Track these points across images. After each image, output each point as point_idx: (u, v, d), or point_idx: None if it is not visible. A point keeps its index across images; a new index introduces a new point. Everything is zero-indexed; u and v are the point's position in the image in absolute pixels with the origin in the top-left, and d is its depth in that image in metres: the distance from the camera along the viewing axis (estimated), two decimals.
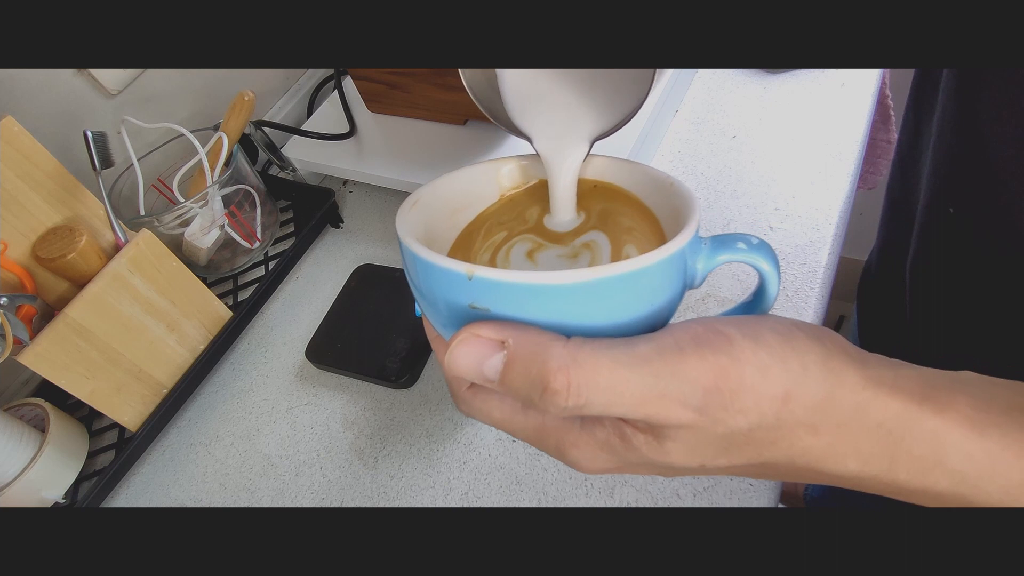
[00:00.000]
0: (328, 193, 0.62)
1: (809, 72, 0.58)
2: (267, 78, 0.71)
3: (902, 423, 0.19)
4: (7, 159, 0.42)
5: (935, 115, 0.35)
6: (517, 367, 0.19)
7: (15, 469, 0.45)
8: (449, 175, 0.27)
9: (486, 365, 0.19)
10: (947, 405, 0.19)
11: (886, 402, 0.19)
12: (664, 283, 0.21)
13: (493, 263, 0.26)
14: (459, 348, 0.19)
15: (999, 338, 0.34)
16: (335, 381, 0.52)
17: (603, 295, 0.19)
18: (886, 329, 0.51)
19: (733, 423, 0.19)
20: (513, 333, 0.19)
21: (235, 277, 0.61)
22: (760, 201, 0.51)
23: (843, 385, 0.19)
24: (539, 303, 0.19)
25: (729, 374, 0.19)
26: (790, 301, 0.45)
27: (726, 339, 0.19)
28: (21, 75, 0.51)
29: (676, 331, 0.20)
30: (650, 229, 0.26)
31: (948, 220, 0.34)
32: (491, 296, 0.19)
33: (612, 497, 0.39)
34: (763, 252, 0.22)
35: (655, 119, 0.53)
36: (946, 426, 0.19)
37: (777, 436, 0.19)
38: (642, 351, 0.19)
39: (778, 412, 0.19)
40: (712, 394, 0.19)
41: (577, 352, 0.19)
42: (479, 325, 0.20)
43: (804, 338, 0.20)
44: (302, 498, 0.46)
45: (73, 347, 0.44)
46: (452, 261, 0.20)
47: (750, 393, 0.19)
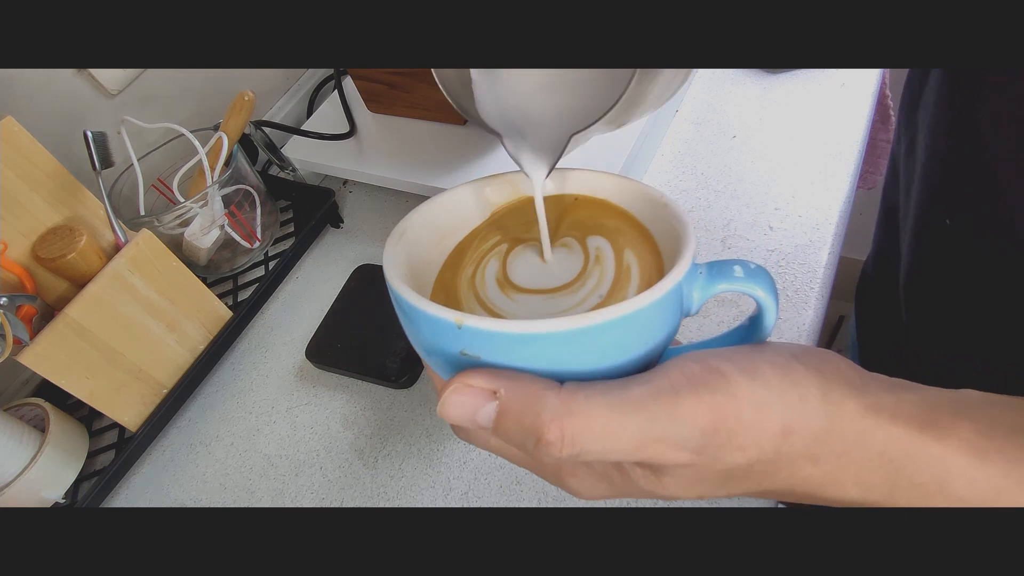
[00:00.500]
0: (328, 193, 0.62)
1: (809, 72, 0.58)
2: (267, 78, 0.71)
3: (903, 451, 0.19)
4: (7, 159, 0.42)
5: (926, 124, 0.34)
6: (510, 418, 0.19)
7: (15, 469, 0.45)
8: (434, 199, 0.27)
9: (479, 414, 0.19)
10: (949, 431, 0.19)
11: (887, 430, 0.19)
12: (660, 321, 0.20)
13: (479, 287, 0.25)
14: (451, 397, 0.19)
15: (994, 340, 0.34)
16: (335, 381, 0.52)
17: (597, 340, 0.19)
18: (884, 331, 0.51)
19: (732, 460, 0.19)
20: (505, 383, 0.19)
21: (235, 277, 0.61)
22: (760, 201, 0.51)
23: (843, 415, 0.19)
24: (530, 350, 0.19)
25: (727, 414, 0.18)
26: (790, 301, 0.45)
27: (722, 377, 0.19)
28: (21, 75, 0.51)
29: (671, 371, 0.19)
30: (645, 241, 0.25)
31: (942, 228, 0.34)
32: (481, 344, 0.19)
33: None
34: (760, 279, 0.21)
35: (655, 119, 0.53)
36: (949, 453, 0.19)
37: (777, 468, 0.19)
38: (637, 395, 0.18)
39: (778, 446, 0.19)
40: (710, 435, 0.18)
41: (571, 401, 0.18)
42: (471, 374, 0.19)
43: (802, 370, 0.19)
44: (302, 498, 0.46)
45: (73, 347, 0.44)
46: (441, 309, 0.19)
47: (749, 431, 0.19)
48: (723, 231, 0.50)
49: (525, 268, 0.26)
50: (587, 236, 0.26)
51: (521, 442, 0.19)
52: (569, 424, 0.18)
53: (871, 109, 0.55)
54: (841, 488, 0.19)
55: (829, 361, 0.20)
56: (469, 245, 0.27)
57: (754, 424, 0.18)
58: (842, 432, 0.19)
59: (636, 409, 0.18)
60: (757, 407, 0.19)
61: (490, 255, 0.27)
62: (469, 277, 0.25)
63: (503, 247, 0.27)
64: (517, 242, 0.27)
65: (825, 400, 0.19)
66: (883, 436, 0.19)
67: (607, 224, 0.26)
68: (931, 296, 0.37)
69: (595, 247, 0.25)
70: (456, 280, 0.25)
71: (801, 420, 0.19)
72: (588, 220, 0.27)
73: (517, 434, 0.19)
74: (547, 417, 0.18)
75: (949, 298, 0.36)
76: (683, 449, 0.19)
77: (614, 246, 0.25)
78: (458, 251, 0.27)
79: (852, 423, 0.19)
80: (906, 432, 0.19)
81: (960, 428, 0.19)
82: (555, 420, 0.18)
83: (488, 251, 0.27)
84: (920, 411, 0.19)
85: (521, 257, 0.26)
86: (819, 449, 0.19)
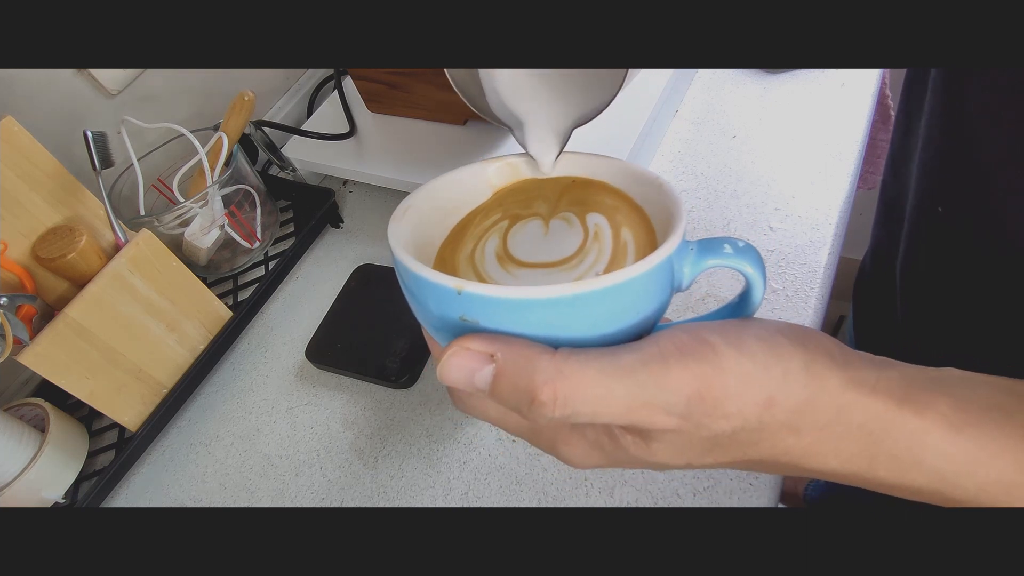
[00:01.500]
0: (328, 193, 0.62)
1: (809, 72, 0.58)
2: (267, 78, 0.71)
3: (882, 424, 0.19)
4: (7, 159, 0.42)
5: (924, 116, 0.35)
6: (505, 380, 0.20)
7: (15, 469, 0.45)
8: (440, 178, 0.28)
9: (476, 377, 0.20)
10: (927, 406, 0.19)
11: (867, 404, 0.20)
12: (652, 292, 0.21)
13: (479, 262, 0.26)
14: (450, 360, 0.20)
15: (990, 335, 0.34)
16: (335, 381, 0.52)
17: (590, 307, 0.20)
18: (880, 328, 0.51)
19: (717, 427, 0.20)
20: (501, 347, 0.20)
21: (235, 277, 0.61)
22: (760, 201, 0.51)
23: (825, 389, 0.20)
24: (527, 316, 0.20)
25: (712, 383, 0.19)
26: (790, 301, 0.45)
27: (710, 348, 0.19)
28: (21, 75, 0.51)
29: (661, 340, 0.20)
30: (640, 219, 0.26)
31: (937, 220, 0.34)
32: (480, 310, 0.20)
33: (612, 497, 0.39)
34: (748, 256, 0.22)
35: (655, 119, 0.53)
36: (925, 427, 0.19)
37: (760, 437, 0.20)
38: (627, 362, 0.19)
39: (760, 416, 0.20)
40: (695, 402, 0.19)
41: (563, 364, 0.19)
42: (469, 338, 0.20)
43: (787, 344, 0.20)
44: (302, 498, 0.46)
45: (73, 347, 0.44)
46: (442, 276, 0.20)
47: (734, 400, 0.19)
48: (723, 231, 0.50)
49: (525, 243, 0.26)
50: (587, 213, 0.27)
51: (516, 404, 0.20)
52: (561, 386, 0.19)
53: (871, 109, 0.55)
54: (822, 459, 0.20)
55: (813, 337, 0.21)
56: (470, 223, 0.28)
57: (739, 394, 0.19)
58: (823, 405, 0.20)
59: (626, 374, 0.19)
60: (742, 378, 0.19)
61: (491, 231, 0.27)
62: (469, 253, 0.26)
63: (504, 224, 0.27)
64: (517, 219, 0.28)
65: (808, 373, 0.20)
66: (862, 410, 0.20)
67: (605, 202, 0.27)
68: (927, 288, 0.38)
69: (594, 224, 0.26)
70: (456, 256, 0.26)
71: (784, 392, 0.19)
72: (587, 199, 0.28)
73: (512, 396, 0.20)
74: (540, 379, 0.19)
75: (942, 286, 0.36)
76: (670, 415, 0.19)
77: (611, 223, 0.26)
78: (459, 228, 0.28)
79: (833, 397, 0.20)
80: (885, 406, 0.19)
81: (937, 403, 0.19)
82: (548, 382, 0.19)
83: (489, 228, 0.27)
84: (899, 386, 0.20)
85: (521, 233, 0.27)
86: (800, 421, 0.20)
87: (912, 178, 0.37)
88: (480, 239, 0.27)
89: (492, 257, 0.26)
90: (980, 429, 0.19)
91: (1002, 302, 0.31)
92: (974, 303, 0.34)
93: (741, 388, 0.19)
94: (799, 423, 0.20)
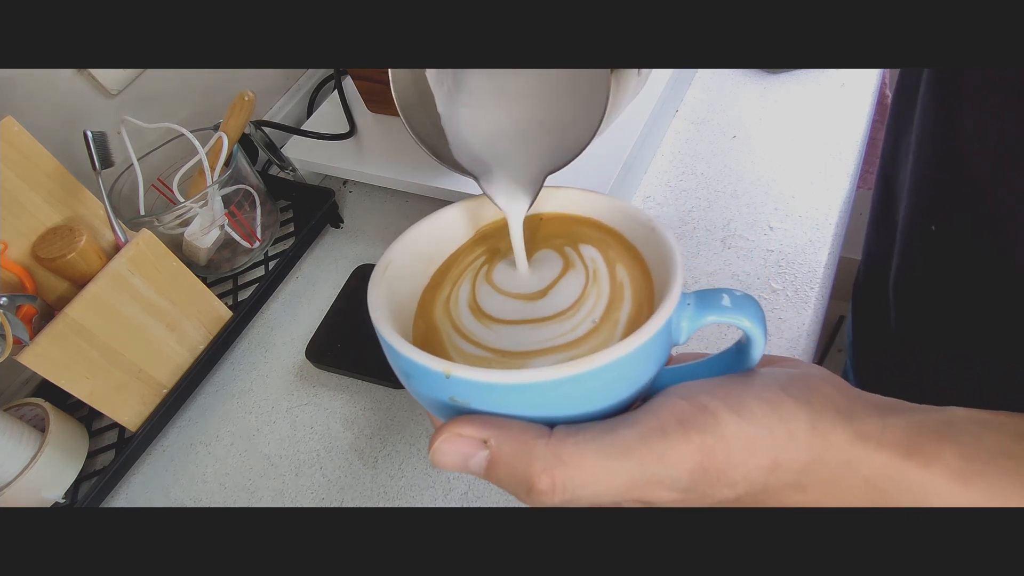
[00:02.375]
0: (328, 193, 0.62)
1: (809, 72, 0.58)
2: (267, 78, 0.71)
3: (887, 477, 0.19)
4: (7, 159, 0.42)
5: (914, 132, 0.35)
6: (501, 466, 0.19)
7: (15, 469, 0.45)
8: (417, 225, 0.26)
9: (471, 462, 0.20)
10: (933, 457, 0.19)
11: (873, 458, 0.19)
12: (651, 360, 0.20)
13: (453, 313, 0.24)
14: (443, 446, 0.20)
15: (984, 343, 0.34)
16: (335, 381, 0.52)
17: (586, 385, 0.19)
18: (877, 334, 0.51)
19: (720, 495, 0.19)
20: (495, 432, 0.19)
21: (235, 277, 0.61)
22: (760, 201, 0.51)
23: (830, 446, 0.20)
24: (519, 398, 0.19)
25: (715, 454, 0.19)
26: (790, 301, 0.45)
27: (711, 417, 0.19)
28: (21, 75, 0.51)
29: (660, 411, 0.19)
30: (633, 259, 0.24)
31: (930, 237, 0.34)
32: (470, 393, 0.19)
33: None
34: (747, 310, 0.21)
35: (655, 119, 0.53)
36: (932, 479, 0.19)
37: (765, 498, 0.20)
38: (626, 440, 0.19)
39: (766, 479, 0.19)
40: (699, 475, 0.19)
41: (560, 449, 0.19)
42: (461, 423, 0.20)
43: (791, 403, 0.20)
44: (302, 498, 0.46)
45: (73, 347, 0.44)
46: (429, 358, 0.19)
47: (738, 468, 0.19)
48: (723, 231, 0.50)
49: (508, 279, 0.25)
50: (578, 244, 0.26)
51: (513, 490, 0.20)
52: (560, 473, 0.18)
53: (871, 109, 0.55)
54: None
55: (818, 389, 0.21)
56: (451, 266, 0.27)
57: (743, 461, 0.19)
58: (829, 460, 0.20)
59: (625, 454, 0.19)
60: (745, 444, 0.19)
61: (470, 273, 0.26)
62: (445, 299, 0.25)
63: (482, 271, 0.26)
64: (501, 257, 0.27)
65: (813, 432, 0.19)
66: (868, 464, 0.19)
67: (594, 237, 0.26)
68: (921, 301, 0.38)
69: (591, 258, 0.25)
70: (433, 306, 0.25)
71: (788, 454, 0.19)
72: (575, 233, 0.26)
73: (509, 481, 0.19)
74: (538, 467, 0.18)
75: (936, 299, 0.36)
76: (672, 489, 0.19)
77: (607, 260, 0.25)
78: (440, 273, 0.27)
79: (839, 452, 0.20)
80: (891, 459, 0.19)
81: (944, 453, 0.19)
82: (546, 470, 0.18)
83: (467, 269, 0.26)
84: (905, 436, 0.20)
85: (504, 269, 0.26)
86: (806, 478, 0.20)
87: (904, 192, 0.37)
88: (457, 283, 0.26)
89: (467, 309, 0.24)
90: (986, 479, 0.19)
91: (996, 316, 0.31)
92: (968, 316, 0.34)
93: (745, 455, 0.19)
94: (804, 481, 0.20)
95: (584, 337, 0.22)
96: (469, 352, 0.22)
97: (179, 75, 0.63)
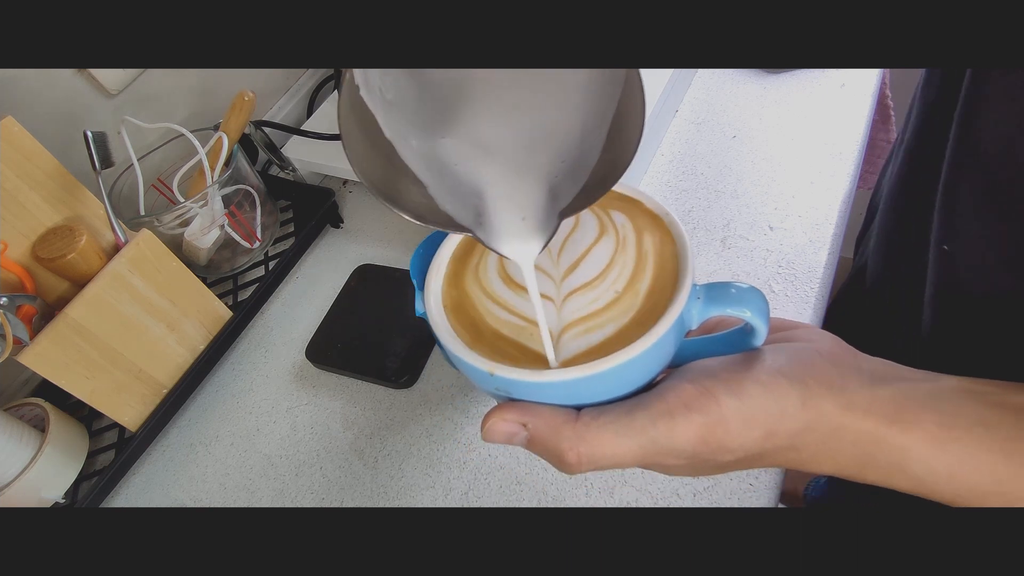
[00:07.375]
0: (328, 193, 0.62)
1: (809, 72, 0.58)
2: (267, 78, 0.71)
3: (872, 441, 0.22)
4: (7, 159, 0.42)
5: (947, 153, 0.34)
6: (537, 444, 0.24)
7: (15, 469, 0.45)
8: None
9: (515, 439, 0.24)
10: (914, 424, 0.22)
11: (859, 426, 0.22)
12: (664, 353, 0.24)
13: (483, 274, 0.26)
14: (493, 427, 0.24)
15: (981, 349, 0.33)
16: (335, 381, 0.52)
17: (607, 379, 0.22)
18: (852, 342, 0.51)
19: (722, 459, 0.23)
20: (531, 418, 0.24)
21: (235, 277, 0.61)
22: (760, 201, 0.51)
23: (821, 416, 0.22)
24: (549, 392, 0.23)
25: (715, 430, 0.22)
26: (790, 300, 0.45)
27: (713, 400, 0.22)
28: (21, 75, 0.51)
29: (668, 396, 0.23)
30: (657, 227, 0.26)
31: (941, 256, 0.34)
32: (510, 387, 0.23)
33: (612, 497, 0.39)
34: (750, 303, 0.23)
35: (655, 119, 0.53)
36: (911, 444, 0.22)
37: (763, 458, 0.24)
38: (639, 422, 0.23)
39: (762, 445, 0.23)
40: (701, 446, 0.22)
41: (584, 431, 0.23)
42: (506, 410, 0.24)
43: (785, 384, 0.23)
44: (302, 498, 0.46)
45: (73, 347, 0.44)
46: (477, 358, 0.23)
47: (735, 439, 0.22)
48: (723, 231, 0.50)
49: None
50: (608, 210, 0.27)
51: (548, 459, 0.24)
52: (584, 449, 0.23)
53: (871, 109, 0.55)
54: (819, 465, 0.24)
55: (813, 367, 0.23)
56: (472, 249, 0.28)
57: (739, 434, 0.22)
58: (819, 428, 0.23)
59: (638, 433, 0.22)
60: (743, 421, 0.22)
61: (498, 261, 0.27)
62: (474, 268, 0.27)
63: None
64: None
65: (804, 408, 0.22)
66: (855, 430, 0.22)
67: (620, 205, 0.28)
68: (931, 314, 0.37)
69: (621, 224, 0.27)
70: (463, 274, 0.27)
71: (781, 425, 0.22)
72: None
73: (545, 453, 0.24)
74: (566, 445, 0.23)
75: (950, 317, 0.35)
76: (679, 458, 0.23)
77: (635, 228, 0.26)
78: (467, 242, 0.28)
79: (828, 421, 0.22)
80: (876, 426, 0.22)
81: (924, 421, 0.22)
82: (572, 448, 0.23)
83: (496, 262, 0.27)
84: (892, 405, 0.22)
85: None
86: (799, 440, 0.23)
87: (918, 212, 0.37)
88: (485, 251, 0.27)
89: (497, 279, 0.26)
90: (962, 444, 0.21)
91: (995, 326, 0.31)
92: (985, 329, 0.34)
93: (742, 429, 0.22)
94: (798, 443, 0.23)
95: (607, 307, 0.24)
96: (504, 319, 0.25)
97: (179, 75, 0.63)
